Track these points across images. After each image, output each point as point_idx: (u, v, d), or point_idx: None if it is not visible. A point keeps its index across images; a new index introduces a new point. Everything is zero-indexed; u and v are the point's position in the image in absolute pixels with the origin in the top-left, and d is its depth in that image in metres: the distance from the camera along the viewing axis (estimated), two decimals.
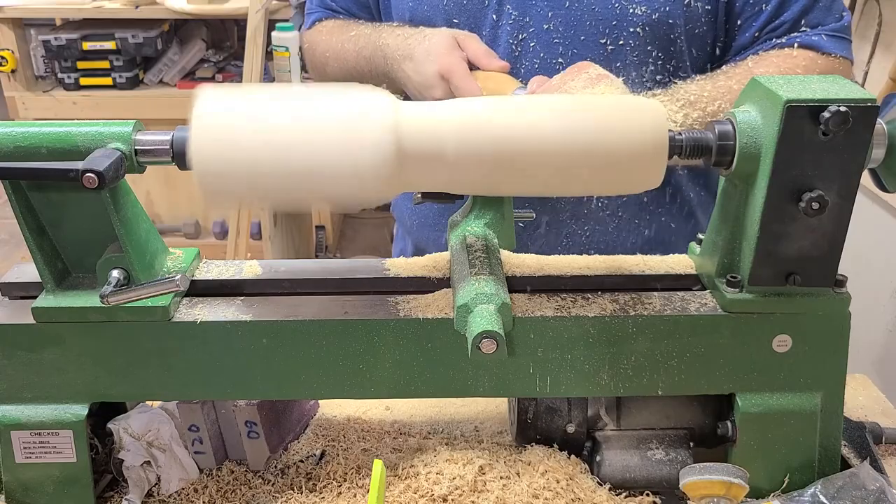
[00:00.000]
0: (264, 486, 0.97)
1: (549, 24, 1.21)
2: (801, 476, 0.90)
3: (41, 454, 0.90)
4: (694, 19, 1.20)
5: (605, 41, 1.19)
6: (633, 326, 0.87)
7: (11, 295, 0.92)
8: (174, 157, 0.81)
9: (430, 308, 0.88)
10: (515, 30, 1.22)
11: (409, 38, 1.25)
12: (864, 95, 0.76)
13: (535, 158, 0.80)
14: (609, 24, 1.18)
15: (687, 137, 0.82)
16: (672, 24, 1.18)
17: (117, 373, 0.88)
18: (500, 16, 1.23)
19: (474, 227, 0.93)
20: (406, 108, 0.80)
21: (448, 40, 1.21)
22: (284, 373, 0.89)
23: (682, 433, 0.94)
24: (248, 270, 0.95)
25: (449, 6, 1.26)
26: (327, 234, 3.64)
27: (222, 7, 3.09)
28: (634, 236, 1.30)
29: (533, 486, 0.91)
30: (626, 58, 1.20)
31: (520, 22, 1.22)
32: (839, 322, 0.87)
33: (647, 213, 1.29)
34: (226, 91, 0.80)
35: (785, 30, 1.19)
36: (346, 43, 1.37)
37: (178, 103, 3.12)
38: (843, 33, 1.20)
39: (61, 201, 0.85)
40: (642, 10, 1.17)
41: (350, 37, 1.37)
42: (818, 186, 0.78)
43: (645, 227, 1.30)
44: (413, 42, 1.24)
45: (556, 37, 1.21)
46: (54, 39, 3.12)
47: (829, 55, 1.18)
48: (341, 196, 0.82)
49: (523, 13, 1.22)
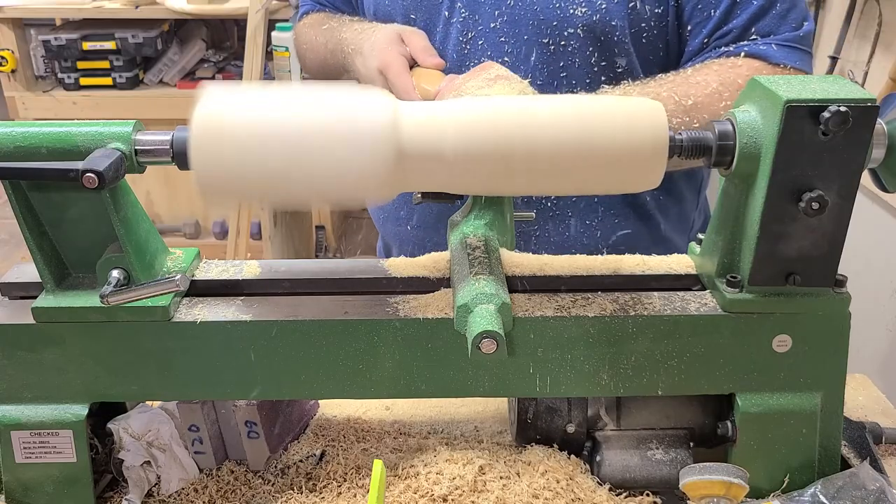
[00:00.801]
0: (264, 486, 0.97)
1: (496, 23, 1.21)
2: (801, 476, 0.90)
3: (41, 454, 0.90)
4: (639, 22, 1.18)
5: (547, 41, 1.19)
6: (633, 326, 0.87)
7: (11, 295, 0.92)
8: (174, 157, 0.81)
9: (430, 308, 0.88)
10: (465, 28, 1.23)
11: (361, 33, 1.27)
12: (864, 95, 0.76)
13: (534, 158, 0.80)
14: (550, 24, 1.18)
15: (687, 137, 0.82)
16: (614, 26, 1.17)
17: (117, 373, 0.88)
18: (452, 13, 1.24)
19: (474, 227, 0.93)
20: (406, 108, 0.81)
21: (391, 36, 1.22)
22: (284, 373, 0.89)
23: (682, 433, 0.94)
24: (248, 270, 0.95)
25: (407, 1, 1.27)
26: (327, 234, 3.64)
27: (222, 7, 3.09)
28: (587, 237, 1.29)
29: (533, 486, 0.91)
30: (568, 59, 1.20)
31: (469, 20, 1.23)
32: (839, 322, 0.87)
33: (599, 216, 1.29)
34: (226, 90, 0.80)
35: (733, 37, 1.16)
36: (319, 36, 1.40)
37: (178, 103, 3.13)
38: (798, 43, 1.16)
39: (61, 201, 0.85)
40: (582, 12, 1.17)
41: (322, 30, 1.39)
42: (818, 186, 0.78)
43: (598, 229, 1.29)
44: (363, 37, 1.26)
45: (502, 36, 1.21)
46: (54, 39, 3.12)
47: (777, 66, 1.14)
48: (341, 196, 0.82)
49: (473, 11, 1.22)
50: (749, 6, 1.15)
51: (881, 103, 0.79)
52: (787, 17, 1.15)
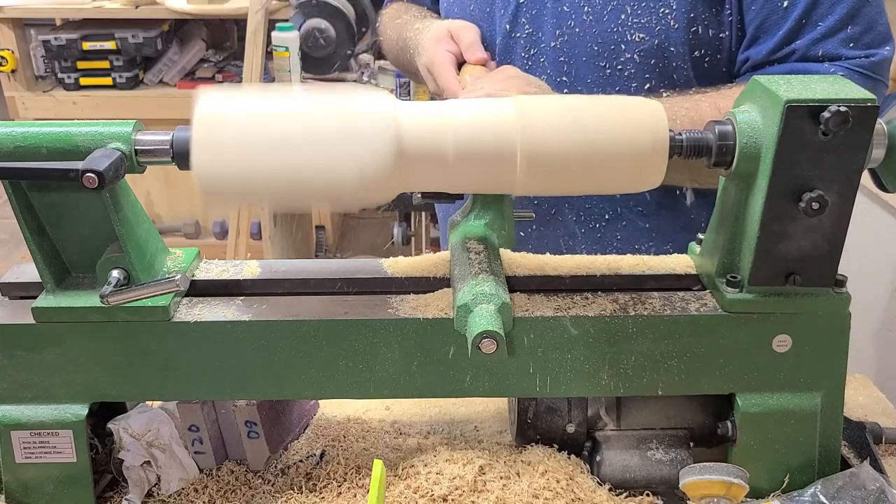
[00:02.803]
0: (264, 486, 0.97)
1: (557, 42, 1.20)
2: (801, 476, 0.90)
3: (41, 454, 0.90)
4: (700, 47, 1.15)
5: (604, 64, 1.18)
6: (633, 326, 0.87)
7: (11, 295, 0.92)
8: (174, 157, 0.81)
9: (430, 308, 0.88)
10: (528, 44, 1.23)
11: (419, 34, 1.28)
12: (864, 95, 0.76)
13: (534, 158, 0.80)
14: (607, 47, 1.17)
15: (687, 137, 0.82)
16: (673, 52, 1.15)
17: (117, 373, 0.88)
18: (514, 27, 1.23)
19: (474, 227, 0.93)
20: (406, 108, 0.81)
21: (440, 33, 1.22)
22: (284, 373, 0.89)
23: (682, 433, 0.94)
24: (248, 270, 0.95)
25: (474, 12, 1.28)
26: (327, 234, 3.65)
27: (222, 7, 3.09)
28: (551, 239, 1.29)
29: (533, 486, 0.91)
30: (624, 83, 1.18)
31: (533, 37, 1.22)
32: (839, 322, 0.87)
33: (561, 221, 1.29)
34: (226, 92, 0.81)
35: (797, 58, 1.11)
36: (391, 31, 1.42)
37: (178, 103, 3.13)
38: (867, 70, 1.08)
39: (61, 201, 0.85)
40: (639, 37, 1.15)
41: (395, 24, 1.41)
42: (818, 186, 0.78)
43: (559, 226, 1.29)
44: (420, 37, 1.26)
45: (562, 55, 1.20)
46: (54, 39, 3.12)
47: None
48: (341, 196, 0.82)
49: (536, 29, 1.22)
50: (815, 27, 1.09)
51: (881, 103, 0.79)
52: (860, 41, 1.09)
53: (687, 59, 1.16)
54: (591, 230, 1.28)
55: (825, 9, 1.09)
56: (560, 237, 1.28)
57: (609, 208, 1.27)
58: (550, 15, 1.20)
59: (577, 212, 1.27)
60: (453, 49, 1.21)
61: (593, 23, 1.17)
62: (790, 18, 1.10)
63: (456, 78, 1.17)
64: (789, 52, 1.12)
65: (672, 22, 1.14)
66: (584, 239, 1.28)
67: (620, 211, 1.27)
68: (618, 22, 1.16)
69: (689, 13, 1.13)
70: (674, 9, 1.14)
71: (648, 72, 1.17)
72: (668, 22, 1.14)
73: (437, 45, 1.21)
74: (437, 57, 1.20)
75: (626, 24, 1.15)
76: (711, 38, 1.15)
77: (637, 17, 1.15)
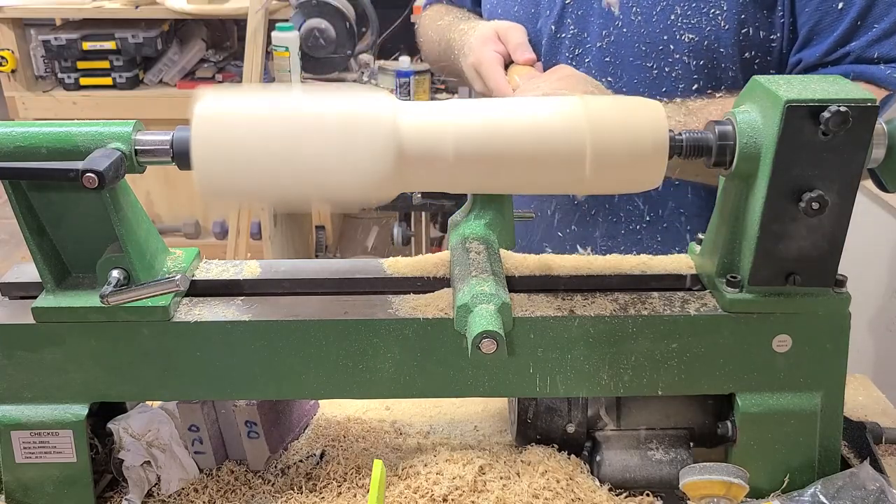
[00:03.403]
0: (264, 486, 0.97)
1: (602, 43, 1.20)
2: (801, 476, 0.90)
3: (41, 454, 0.90)
4: (750, 48, 1.15)
5: (650, 65, 1.18)
6: (633, 326, 0.87)
7: (11, 295, 0.92)
8: (174, 157, 0.81)
9: (430, 308, 0.88)
10: (573, 45, 1.22)
11: (465, 34, 1.27)
12: (864, 95, 0.76)
13: (534, 158, 0.80)
14: (655, 48, 1.16)
15: (687, 137, 0.82)
16: (723, 53, 1.14)
17: (117, 373, 0.88)
18: (560, 29, 1.23)
19: (474, 227, 0.93)
20: (406, 109, 0.81)
21: (487, 33, 1.22)
22: (284, 373, 0.89)
23: (682, 433, 0.94)
24: (248, 270, 0.95)
25: (518, 13, 1.27)
26: (327, 234, 3.64)
27: (222, 7, 3.09)
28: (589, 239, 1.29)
29: (533, 486, 0.91)
30: (671, 84, 1.17)
31: (578, 37, 1.22)
32: (839, 322, 0.87)
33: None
34: (226, 92, 0.81)
35: (851, 59, 1.10)
36: (433, 32, 1.42)
37: (178, 103, 3.12)
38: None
39: (61, 201, 0.85)
40: (689, 38, 1.14)
41: (437, 26, 1.41)
42: (818, 186, 0.78)
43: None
44: (465, 38, 1.26)
45: (607, 56, 1.20)
46: (54, 39, 3.11)
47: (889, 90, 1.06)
48: (341, 196, 0.82)
49: (582, 29, 1.21)
50: (871, 29, 1.08)
51: (881, 103, 0.79)
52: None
53: (736, 61, 1.15)
54: (630, 231, 1.27)
55: (881, 10, 1.08)
56: (600, 237, 1.28)
57: (651, 210, 1.26)
58: (597, 15, 1.20)
59: (617, 213, 1.26)
60: (501, 49, 1.20)
61: (642, 23, 1.16)
62: (845, 20, 1.09)
63: (505, 78, 1.16)
64: (844, 55, 1.10)
65: (722, 23, 1.13)
66: (623, 240, 1.27)
67: (662, 213, 1.26)
68: (667, 22, 1.15)
69: (740, 14, 1.13)
70: (724, 10, 1.13)
71: (697, 73, 1.16)
72: (719, 23, 1.13)
73: (485, 46, 1.20)
74: (485, 57, 1.19)
75: (675, 24, 1.15)
76: (762, 40, 1.14)
77: (687, 18, 1.14)
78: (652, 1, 1.16)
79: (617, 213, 1.27)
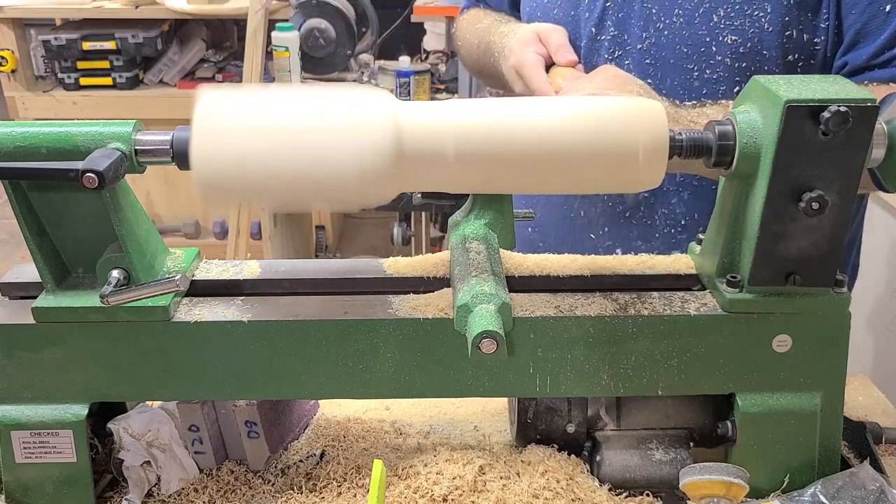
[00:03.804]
0: (264, 486, 0.97)
1: (643, 45, 1.19)
2: (801, 476, 0.90)
3: (41, 454, 0.90)
4: (794, 51, 1.13)
5: (692, 67, 1.16)
6: (633, 326, 0.87)
7: (11, 295, 0.92)
8: (174, 157, 0.81)
9: (430, 308, 0.88)
10: (613, 46, 1.22)
11: (505, 37, 1.27)
12: (864, 95, 0.76)
13: (534, 158, 0.80)
14: (697, 49, 1.15)
15: (687, 137, 0.82)
16: (765, 56, 1.13)
17: (117, 373, 0.88)
18: (601, 30, 1.22)
19: (474, 227, 0.93)
20: (406, 109, 0.81)
21: (528, 35, 1.21)
22: (284, 373, 0.89)
23: (682, 433, 0.94)
24: (248, 270, 0.95)
25: (558, 16, 1.27)
26: (327, 234, 3.64)
27: (222, 7, 3.09)
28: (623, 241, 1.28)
29: (533, 486, 0.91)
30: (712, 86, 1.16)
31: (618, 39, 1.21)
32: (839, 322, 0.87)
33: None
34: (226, 92, 0.81)
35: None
36: (472, 36, 1.42)
37: (178, 103, 3.12)
38: None
39: (61, 201, 0.85)
40: (732, 40, 1.13)
41: (475, 29, 1.40)
42: (818, 186, 0.78)
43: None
44: (506, 41, 1.26)
45: (648, 58, 1.19)
46: (54, 39, 3.12)
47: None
48: (341, 196, 0.82)
49: (622, 31, 1.21)
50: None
51: (881, 103, 0.79)
52: None
53: (780, 63, 1.14)
54: (666, 235, 1.26)
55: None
56: (634, 239, 1.27)
57: (687, 213, 1.24)
58: (638, 17, 1.19)
59: (652, 216, 1.25)
60: (542, 51, 1.19)
61: (684, 25, 1.16)
62: (893, 23, 1.08)
63: (546, 79, 1.16)
64: (891, 57, 1.09)
65: (766, 25, 1.12)
66: (657, 244, 1.26)
67: (697, 217, 1.24)
68: (709, 24, 1.14)
69: (784, 16, 1.12)
70: (768, 12, 1.12)
71: (739, 75, 1.15)
72: (762, 25, 1.12)
73: (526, 48, 1.19)
74: (526, 59, 1.18)
75: (718, 26, 1.14)
76: (805, 43, 1.13)
77: (730, 20, 1.13)
78: (695, 2, 1.15)
79: (654, 216, 1.25)
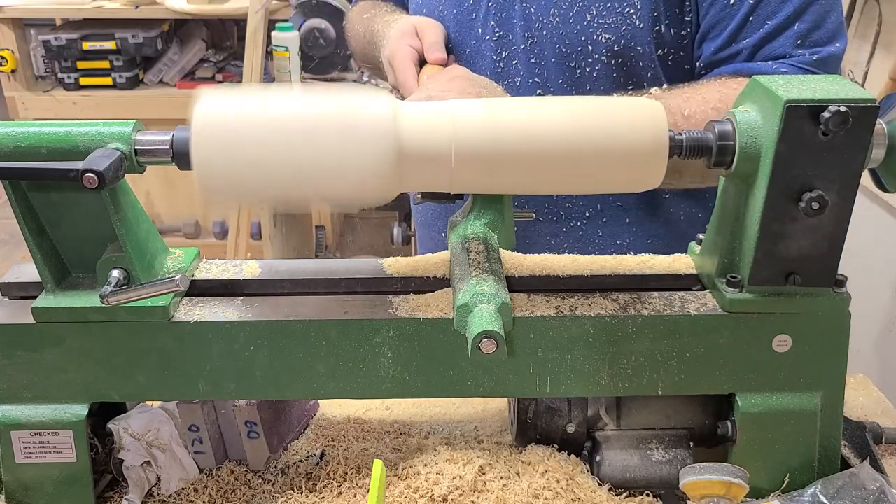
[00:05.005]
0: (264, 486, 0.97)
1: (526, 45, 1.20)
2: (801, 476, 0.90)
3: (41, 454, 0.90)
4: (664, 45, 1.15)
5: (573, 65, 1.18)
6: (633, 326, 0.87)
7: (11, 295, 0.92)
8: (174, 157, 0.81)
9: (429, 308, 0.88)
10: (499, 47, 1.23)
11: (387, 26, 1.28)
12: (864, 95, 0.76)
13: (534, 158, 0.80)
14: (574, 48, 1.17)
15: (687, 137, 0.82)
16: (640, 52, 1.15)
17: (117, 373, 0.88)
18: (485, 31, 1.23)
19: (474, 227, 0.93)
20: (406, 108, 0.81)
21: (405, 27, 1.22)
22: (284, 373, 0.89)
23: (682, 433, 0.94)
24: (248, 270, 0.95)
25: (443, 14, 1.28)
26: (327, 234, 3.64)
27: (222, 7, 3.09)
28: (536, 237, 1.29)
29: (533, 486, 0.91)
30: (594, 83, 1.18)
31: (503, 40, 1.22)
32: (839, 322, 0.87)
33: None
34: (226, 92, 0.81)
35: (743, 57, 1.10)
36: (359, 25, 1.42)
37: (178, 103, 3.12)
38: (814, 67, 1.06)
39: (61, 201, 0.85)
40: (605, 38, 1.15)
41: (363, 19, 1.41)
42: (818, 186, 0.78)
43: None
44: (387, 29, 1.27)
45: (532, 57, 1.20)
46: (54, 39, 3.12)
47: None
48: (341, 196, 0.82)
49: (506, 31, 1.22)
50: (762, 26, 1.08)
51: (881, 103, 0.79)
52: (808, 38, 1.08)
53: (654, 59, 1.16)
54: (572, 229, 1.28)
55: (772, 7, 1.08)
56: (542, 236, 1.28)
57: (589, 206, 1.26)
58: (519, 17, 1.20)
59: (557, 211, 1.27)
60: (417, 45, 1.20)
61: (560, 24, 1.17)
62: (736, 17, 1.10)
63: (414, 74, 1.16)
64: (736, 52, 1.11)
65: (637, 21, 1.14)
66: (566, 237, 1.28)
67: (601, 208, 1.26)
68: (583, 23, 1.16)
69: (653, 12, 1.13)
70: (638, 8, 1.13)
71: (616, 71, 1.17)
72: (634, 21, 1.14)
73: (402, 40, 1.20)
74: (399, 51, 1.19)
75: (591, 25, 1.15)
76: (674, 37, 1.15)
77: (602, 18, 1.15)
78: (568, 2, 1.16)
79: (557, 212, 1.27)
